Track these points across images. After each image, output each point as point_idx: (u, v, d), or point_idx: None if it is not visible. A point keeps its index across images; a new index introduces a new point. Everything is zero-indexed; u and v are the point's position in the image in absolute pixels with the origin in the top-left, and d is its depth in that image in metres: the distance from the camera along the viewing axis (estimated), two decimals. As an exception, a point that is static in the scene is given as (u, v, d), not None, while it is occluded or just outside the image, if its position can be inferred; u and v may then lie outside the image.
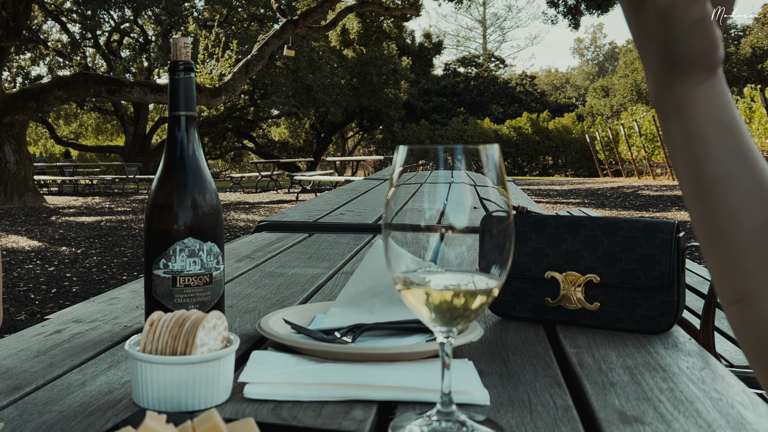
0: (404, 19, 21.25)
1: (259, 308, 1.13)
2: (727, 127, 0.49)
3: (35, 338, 0.94)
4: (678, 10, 0.48)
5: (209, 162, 32.83)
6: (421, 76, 38.69)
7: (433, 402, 0.68)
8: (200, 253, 0.86)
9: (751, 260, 0.49)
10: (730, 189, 0.49)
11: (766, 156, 2.96)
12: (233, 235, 8.53)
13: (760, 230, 0.49)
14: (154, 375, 0.67)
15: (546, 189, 18.72)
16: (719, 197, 0.50)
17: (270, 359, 0.80)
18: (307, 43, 26.38)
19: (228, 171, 37.05)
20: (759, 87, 16.32)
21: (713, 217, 0.50)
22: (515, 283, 1.02)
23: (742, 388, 0.74)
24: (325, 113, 28.85)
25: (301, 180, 17.22)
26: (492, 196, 0.59)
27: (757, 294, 0.49)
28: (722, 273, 0.51)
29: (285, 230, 2.23)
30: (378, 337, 0.89)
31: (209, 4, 26.07)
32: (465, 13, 70.65)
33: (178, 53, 0.88)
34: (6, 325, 4.19)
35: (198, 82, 14.89)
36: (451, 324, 0.60)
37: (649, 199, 14.12)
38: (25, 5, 13.73)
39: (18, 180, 13.82)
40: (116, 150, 28.77)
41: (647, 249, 0.94)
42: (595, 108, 37.24)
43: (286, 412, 0.67)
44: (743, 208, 0.49)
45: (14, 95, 13.57)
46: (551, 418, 0.66)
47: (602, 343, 0.91)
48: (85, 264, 6.60)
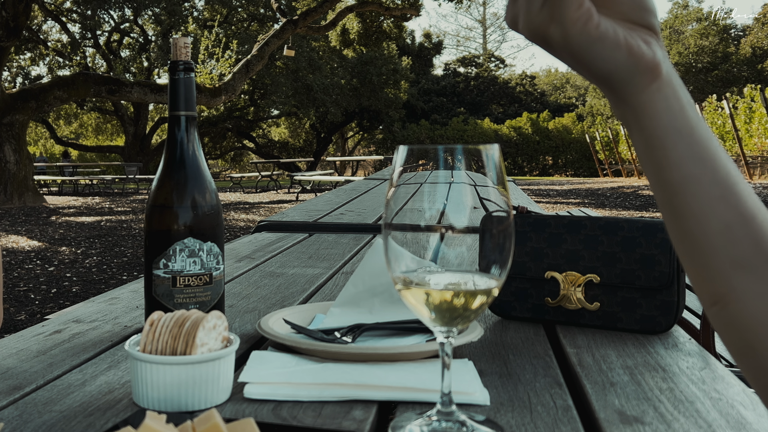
0: (404, 19, 21.26)
1: (259, 308, 1.13)
2: (682, 132, 0.50)
3: (35, 338, 0.94)
4: (574, 38, 0.49)
5: (209, 162, 32.82)
6: (421, 76, 38.70)
7: (433, 402, 0.68)
8: (200, 253, 0.86)
9: (721, 262, 0.50)
10: (691, 193, 0.50)
11: (767, 157, 2.96)
12: (233, 235, 8.53)
13: (726, 232, 0.49)
14: (154, 375, 0.67)
15: (546, 189, 18.72)
16: (683, 201, 0.50)
17: (270, 359, 0.80)
18: (307, 43, 26.38)
19: (228, 171, 37.05)
20: (759, 87, 16.32)
21: (680, 221, 0.51)
22: (515, 283, 1.02)
23: (742, 388, 0.74)
24: (325, 113, 28.86)
25: (301, 180, 17.23)
26: (492, 196, 0.59)
27: (730, 296, 0.50)
28: (696, 275, 0.52)
29: (285, 230, 2.23)
30: (378, 337, 0.89)
31: (209, 4, 26.07)
32: (465, 13, 70.67)
33: (178, 53, 0.88)
34: (6, 325, 4.19)
35: (198, 82, 14.89)
36: (451, 324, 0.60)
37: (649, 199, 14.12)
38: (25, 5, 13.73)
39: (18, 180, 13.82)
40: (116, 150, 28.77)
41: (647, 249, 0.94)
42: (595, 108, 37.25)
43: (286, 412, 0.67)
44: (707, 210, 0.49)
45: (14, 95, 13.57)
46: (551, 418, 0.66)
47: (602, 343, 0.91)
48: (85, 264, 6.61)
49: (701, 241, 0.50)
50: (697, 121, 0.50)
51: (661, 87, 0.50)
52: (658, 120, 0.50)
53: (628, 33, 0.49)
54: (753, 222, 0.49)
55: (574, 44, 0.49)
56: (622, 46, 0.49)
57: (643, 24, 0.50)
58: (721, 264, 0.50)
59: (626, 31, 0.49)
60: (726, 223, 0.49)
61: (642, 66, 0.49)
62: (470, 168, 0.58)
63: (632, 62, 0.49)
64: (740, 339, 0.50)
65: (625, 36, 0.49)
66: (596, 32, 0.48)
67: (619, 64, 0.49)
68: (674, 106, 0.50)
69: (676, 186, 0.50)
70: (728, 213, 0.49)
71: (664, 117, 0.50)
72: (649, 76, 0.50)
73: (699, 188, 0.49)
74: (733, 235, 0.49)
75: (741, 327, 0.50)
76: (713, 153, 0.50)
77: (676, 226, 0.52)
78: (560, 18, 0.48)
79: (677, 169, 0.50)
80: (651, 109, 0.50)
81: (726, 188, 0.49)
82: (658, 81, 0.50)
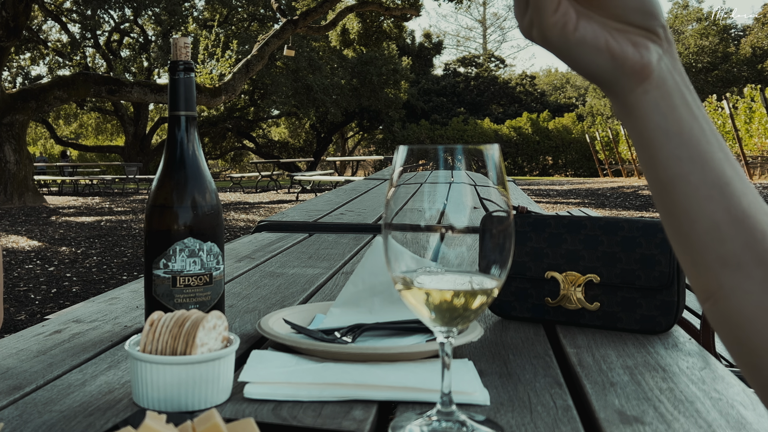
0: (404, 19, 21.25)
1: (259, 308, 1.13)
2: (669, 133, 0.50)
3: (35, 338, 0.94)
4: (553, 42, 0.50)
5: (209, 162, 32.83)
6: (421, 76, 38.69)
7: (433, 402, 0.68)
8: (200, 253, 0.86)
9: (711, 259, 0.50)
10: (680, 191, 0.50)
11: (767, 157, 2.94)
12: (233, 235, 8.53)
13: (714, 230, 0.49)
14: (154, 375, 0.67)
15: (546, 189, 18.72)
16: (672, 199, 0.51)
17: (270, 359, 0.80)
18: (307, 43, 26.38)
19: (228, 171, 37.05)
20: (759, 87, 16.31)
21: (671, 218, 0.52)
22: (515, 283, 1.02)
23: (742, 388, 0.74)
24: (325, 113, 28.86)
25: (301, 180, 17.22)
26: (492, 196, 0.59)
27: (720, 292, 0.50)
28: (689, 271, 0.53)
29: (285, 230, 2.23)
30: (378, 337, 0.89)
31: (209, 4, 26.08)
32: (465, 13, 70.71)
33: (178, 53, 0.88)
34: (6, 325, 4.19)
35: (198, 82, 14.89)
36: (451, 324, 0.60)
37: (649, 199, 14.12)
38: (25, 5, 13.73)
39: (18, 180, 13.82)
40: (116, 150, 28.77)
41: (647, 249, 0.94)
42: (595, 108, 37.25)
43: (286, 412, 0.67)
44: (696, 209, 0.50)
45: (14, 95, 13.57)
46: (551, 418, 0.66)
47: (602, 343, 0.91)
48: (85, 264, 6.61)
49: (691, 238, 0.51)
50: (690, 122, 0.50)
51: (649, 89, 0.50)
52: (646, 121, 0.51)
53: (614, 36, 0.50)
54: (745, 222, 0.49)
55: (555, 47, 0.50)
56: (603, 49, 0.50)
57: (641, 26, 0.50)
58: (710, 261, 0.50)
59: (612, 34, 0.50)
60: (714, 222, 0.49)
61: (627, 69, 0.50)
62: (470, 168, 0.58)
63: (616, 65, 0.50)
64: (732, 335, 0.51)
65: (608, 40, 0.50)
66: (573, 37, 0.49)
67: (601, 67, 0.50)
68: (663, 107, 0.50)
69: (665, 184, 0.51)
70: (717, 212, 0.49)
71: (652, 118, 0.50)
72: (636, 78, 0.50)
73: (687, 188, 0.50)
74: (721, 234, 0.49)
75: (731, 323, 0.50)
76: (704, 153, 0.50)
77: (668, 222, 0.52)
78: (538, 23, 0.50)
79: (664, 169, 0.51)
80: (638, 110, 0.51)
81: (716, 188, 0.49)
82: (646, 84, 0.50)
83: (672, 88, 0.50)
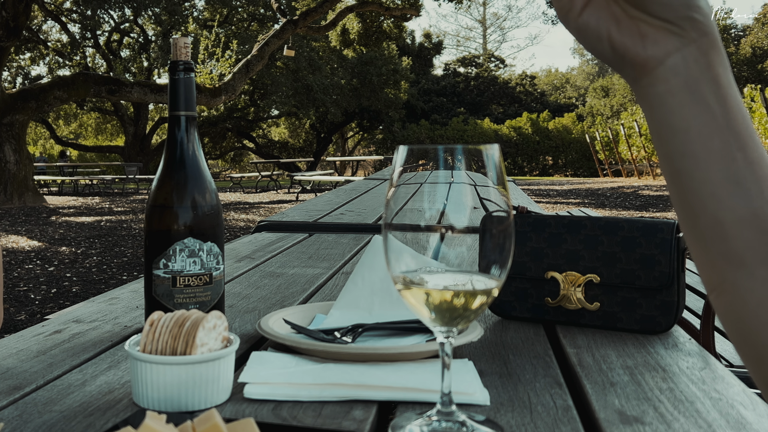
0: (404, 19, 21.25)
1: (259, 308, 1.13)
2: (675, 129, 0.50)
3: (35, 338, 0.94)
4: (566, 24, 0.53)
5: (209, 162, 32.81)
6: (421, 76, 38.68)
7: (433, 402, 0.68)
8: (200, 253, 0.86)
9: (714, 254, 0.50)
10: (684, 186, 0.50)
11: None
12: (233, 235, 8.53)
13: (717, 227, 0.49)
14: (154, 375, 0.67)
15: (546, 189, 18.72)
16: (677, 190, 0.51)
17: (270, 359, 0.80)
18: (307, 43, 26.38)
19: (228, 171, 37.03)
20: (759, 87, 16.31)
21: (678, 207, 0.52)
22: (515, 283, 1.02)
23: (742, 388, 0.74)
24: (325, 113, 28.86)
25: (301, 180, 17.22)
26: (492, 196, 0.59)
27: (723, 286, 0.50)
28: (696, 260, 0.53)
29: (285, 230, 2.23)
30: (378, 337, 0.89)
31: (209, 4, 26.07)
32: (465, 13, 70.70)
33: (178, 53, 0.88)
34: (6, 325, 4.19)
35: (198, 82, 14.89)
36: (451, 324, 0.60)
37: (649, 199, 14.12)
38: (25, 5, 13.73)
39: (18, 180, 13.82)
40: (116, 150, 28.76)
41: (647, 249, 0.94)
42: (595, 108, 37.24)
43: (286, 412, 0.67)
44: (698, 205, 0.50)
45: (14, 95, 13.57)
46: (551, 418, 0.66)
47: (602, 343, 0.91)
48: (85, 264, 6.61)
49: (696, 231, 0.51)
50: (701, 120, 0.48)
51: (654, 83, 0.50)
52: (652, 113, 0.51)
53: (620, 26, 0.50)
54: (753, 222, 0.48)
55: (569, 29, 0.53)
56: (604, 39, 0.51)
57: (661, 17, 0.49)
58: (714, 256, 0.50)
59: (619, 23, 0.50)
60: (717, 220, 0.49)
61: (628, 60, 0.50)
62: (470, 168, 0.58)
63: (617, 56, 0.51)
64: (735, 327, 0.51)
65: (610, 29, 0.50)
66: (575, 23, 0.52)
67: (604, 55, 0.52)
68: (670, 103, 0.49)
69: (672, 176, 0.51)
70: (721, 210, 0.49)
71: (658, 112, 0.50)
72: (639, 70, 0.50)
73: (691, 183, 0.50)
74: (724, 232, 0.49)
75: (734, 316, 0.50)
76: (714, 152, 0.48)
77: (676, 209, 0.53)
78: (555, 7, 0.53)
79: (669, 162, 0.51)
80: (645, 101, 0.51)
81: (722, 187, 0.48)
82: (651, 77, 0.50)
83: (683, 84, 0.49)
